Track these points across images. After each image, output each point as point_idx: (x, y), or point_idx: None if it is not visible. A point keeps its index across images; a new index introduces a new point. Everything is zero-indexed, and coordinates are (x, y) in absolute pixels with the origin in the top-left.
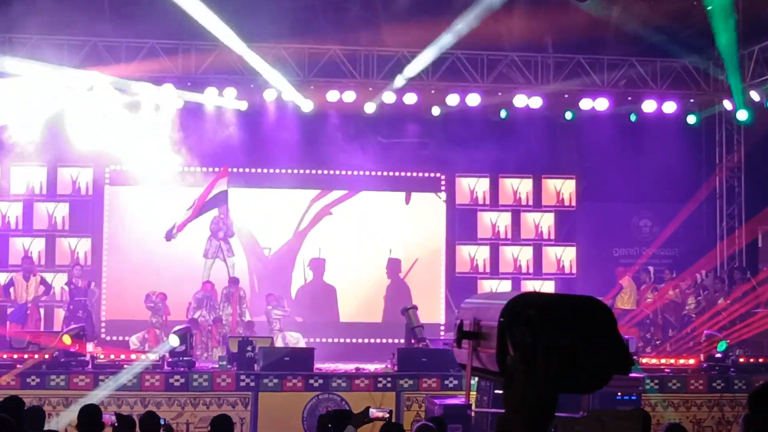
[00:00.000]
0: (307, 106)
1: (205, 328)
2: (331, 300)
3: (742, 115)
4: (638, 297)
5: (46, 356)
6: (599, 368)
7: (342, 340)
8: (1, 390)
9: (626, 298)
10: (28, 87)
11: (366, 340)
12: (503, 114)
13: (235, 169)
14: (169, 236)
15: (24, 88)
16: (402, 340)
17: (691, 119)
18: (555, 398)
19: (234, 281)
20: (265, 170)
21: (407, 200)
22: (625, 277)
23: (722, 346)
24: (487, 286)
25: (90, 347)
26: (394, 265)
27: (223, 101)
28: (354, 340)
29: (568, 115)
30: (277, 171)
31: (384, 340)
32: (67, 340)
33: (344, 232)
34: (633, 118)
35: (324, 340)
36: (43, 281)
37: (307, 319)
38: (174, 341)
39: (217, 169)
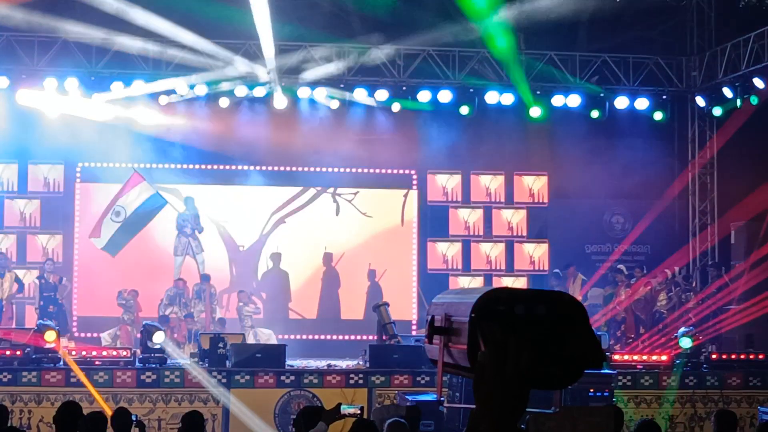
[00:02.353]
0: (279, 102)
1: (176, 325)
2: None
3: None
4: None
5: (18, 353)
6: (571, 363)
7: (314, 337)
8: None
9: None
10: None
11: (339, 337)
12: (472, 111)
13: (207, 166)
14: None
15: None
16: (374, 337)
17: (658, 116)
18: (526, 394)
19: (205, 278)
20: (235, 167)
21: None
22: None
23: (686, 342)
24: (459, 282)
25: (64, 342)
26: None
27: (195, 96)
28: (325, 337)
29: (540, 112)
30: (247, 168)
31: (357, 337)
32: (50, 336)
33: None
34: (603, 114)
35: (295, 336)
36: (17, 279)
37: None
38: (159, 338)
39: (186, 166)
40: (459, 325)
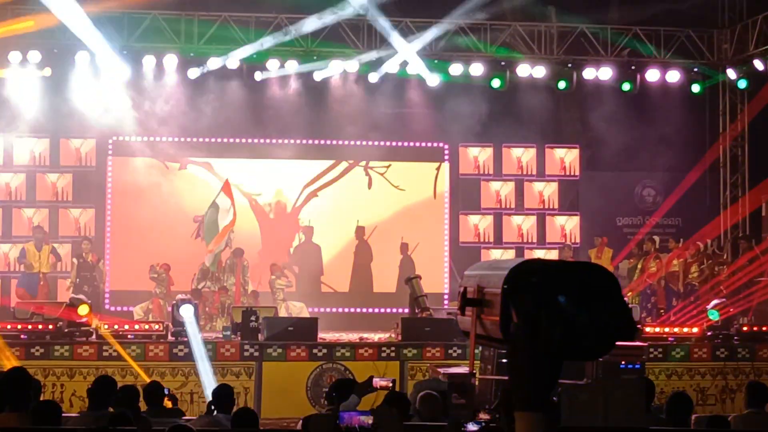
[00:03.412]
0: (317, 75)
1: (209, 298)
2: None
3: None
4: (642, 266)
5: (50, 327)
6: (603, 334)
7: (346, 310)
8: (6, 362)
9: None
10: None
11: (371, 310)
12: (507, 83)
13: (239, 140)
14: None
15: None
16: (406, 310)
17: (695, 88)
18: (559, 365)
19: (237, 252)
20: (268, 141)
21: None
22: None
23: (714, 314)
24: (490, 255)
25: (95, 322)
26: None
27: (227, 71)
28: (357, 310)
29: (568, 85)
30: (282, 142)
31: (389, 310)
32: (83, 310)
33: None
34: (635, 87)
35: (327, 309)
36: (53, 251)
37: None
38: (186, 312)
39: (220, 140)
40: (491, 296)
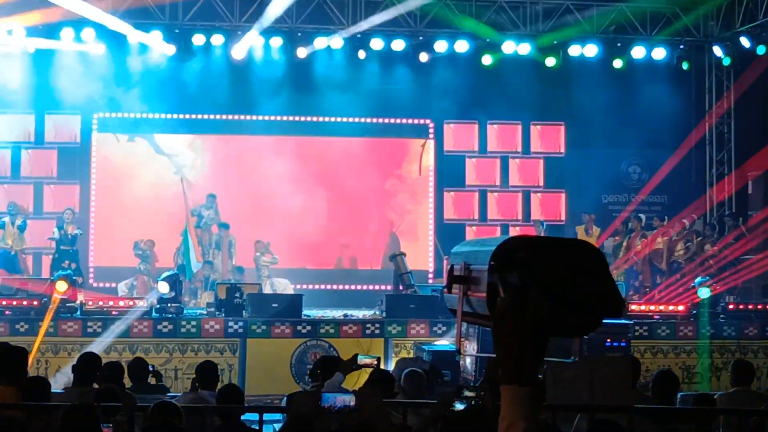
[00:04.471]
0: (295, 52)
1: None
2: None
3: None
4: (628, 243)
5: (35, 303)
6: (591, 310)
7: (330, 287)
8: None
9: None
10: (15, 31)
11: (355, 287)
12: (492, 60)
13: (221, 116)
14: None
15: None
16: (390, 287)
17: (682, 65)
18: (545, 341)
19: (224, 226)
20: (253, 117)
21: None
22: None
23: (705, 293)
24: (475, 233)
25: (80, 297)
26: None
27: (211, 47)
28: (342, 287)
29: (555, 62)
30: (265, 118)
31: (373, 287)
32: (61, 286)
33: (329, 180)
34: (620, 64)
35: (312, 286)
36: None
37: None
38: (163, 288)
39: (203, 116)
40: (478, 273)
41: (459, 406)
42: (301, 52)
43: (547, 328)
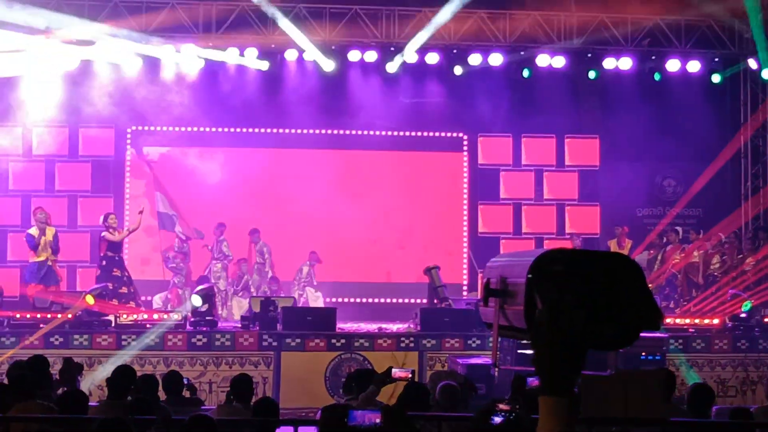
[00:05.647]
0: (328, 66)
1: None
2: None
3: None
4: (663, 257)
5: (69, 316)
6: (628, 324)
7: (364, 300)
8: (26, 350)
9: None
10: (50, 44)
11: (389, 300)
12: (526, 73)
13: (256, 130)
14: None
15: (45, 45)
16: (425, 300)
17: (716, 78)
18: (584, 353)
19: (253, 232)
20: (287, 131)
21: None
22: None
23: (747, 306)
24: (509, 246)
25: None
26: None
27: (244, 61)
28: (376, 300)
29: (592, 74)
30: (299, 131)
31: (407, 300)
32: (89, 300)
33: (363, 194)
34: (657, 77)
35: (345, 300)
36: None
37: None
38: (197, 301)
39: (238, 130)
40: (514, 287)
41: (496, 419)
42: (330, 66)
43: (584, 342)
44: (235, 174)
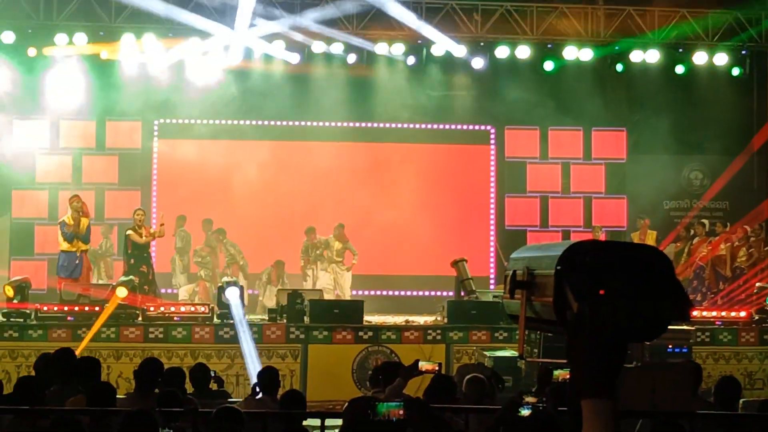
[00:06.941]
0: (354, 58)
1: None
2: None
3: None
4: (690, 249)
5: (97, 309)
6: (658, 315)
7: (391, 293)
8: (53, 342)
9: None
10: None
11: (416, 293)
12: (553, 66)
13: (282, 123)
14: None
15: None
16: (452, 293)
17: (735, 71)
18: (624, 349)
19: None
20: (313, 124)
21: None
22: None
23: None
24: (536, 238)
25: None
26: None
27: (274, 52)
28: (402, 293)
29: (619, 67)
30: (325, 124)
31: (434, 293)
32: (121, 292)
33: (391, 186)
34: (682, 70)
35: (372, 292)
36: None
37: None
38: (232, 294)
39: (263, 122)
40: (542, 279)
41: (524, 411)
42: (355, 58)
43: (617, 334)
44: (258, 166)
